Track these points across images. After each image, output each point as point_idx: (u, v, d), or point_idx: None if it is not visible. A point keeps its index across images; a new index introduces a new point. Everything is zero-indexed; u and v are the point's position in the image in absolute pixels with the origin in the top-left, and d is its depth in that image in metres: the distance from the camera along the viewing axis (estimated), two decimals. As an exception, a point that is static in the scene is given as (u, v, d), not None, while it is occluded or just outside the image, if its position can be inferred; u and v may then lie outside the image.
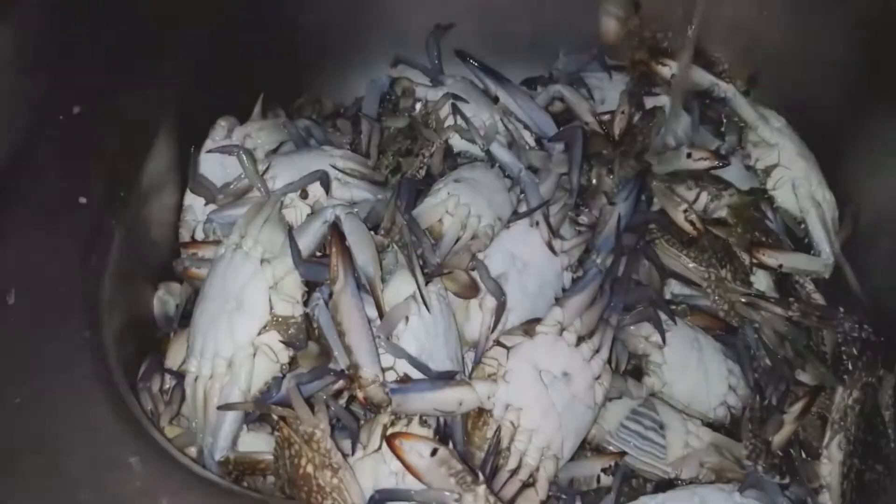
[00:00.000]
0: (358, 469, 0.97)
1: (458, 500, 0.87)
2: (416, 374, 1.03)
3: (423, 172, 1.34)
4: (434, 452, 0.91)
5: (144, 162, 1.17)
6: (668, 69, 1.47)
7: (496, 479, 0.96)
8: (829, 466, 1.08)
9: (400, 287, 1.08)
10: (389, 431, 0.96)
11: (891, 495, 1.07)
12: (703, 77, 1.47)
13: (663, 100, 1.49)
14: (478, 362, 1.07)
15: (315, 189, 1.22)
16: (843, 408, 1.11)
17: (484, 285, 1.11)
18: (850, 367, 1.18)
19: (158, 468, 0.86)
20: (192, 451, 1.03)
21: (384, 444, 0.96)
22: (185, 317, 1.18)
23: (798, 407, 1.11)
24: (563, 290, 1.20)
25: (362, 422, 1.05)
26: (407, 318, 1.05)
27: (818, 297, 1.31)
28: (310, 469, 0.94)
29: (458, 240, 1.17)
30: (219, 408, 1.00)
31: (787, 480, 1.05)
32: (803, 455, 1.12)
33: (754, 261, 1.27)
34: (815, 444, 1.13)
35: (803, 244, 1.35)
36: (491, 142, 1.34)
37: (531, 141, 1.40)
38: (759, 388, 1.16)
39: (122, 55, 1.26)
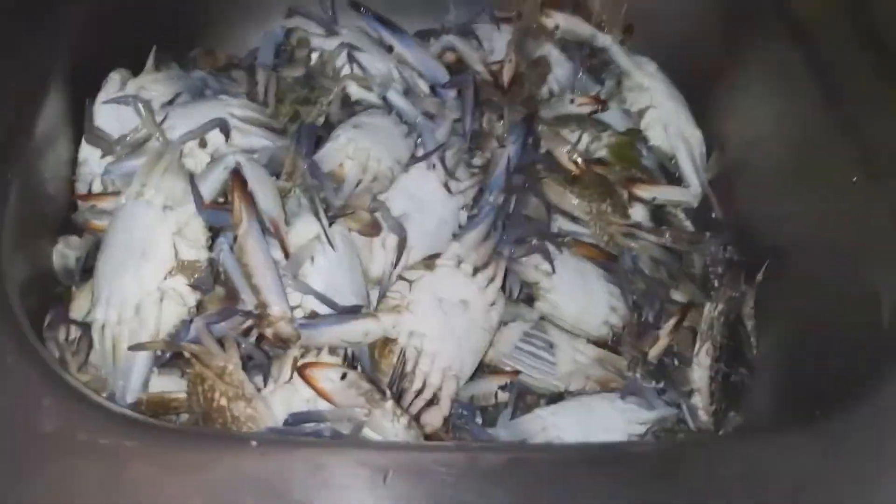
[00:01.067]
0: (271, 401, 1.01)
1: (368, 415, 0.93)
2: (323, 310, 1.07)
3: (321, 120, 1.36)
4: (344, 376, 0.96)
5: (36, 115, 1.14)
6: (551, 20, 1.56)
7: (403, 399, 1.03)
8: (699, 371, 1.20)
9: (304, 229, 1.12)
10: (300, 363, 1.01)
11: (754, 394, 1.21)
12: (583, 28, 1.57)
13: (548, 49, 1.57)
14: (382, 297, 1.13)
15: (214, 138, 1.23)
16: (709, 319, 1.23)
17: (386, 224, 1.17)
18: (716, 284, 1.31)
19: (74, 407, 0.86)
20: (104, 395, 1.04)
21: (295, 375, 1.01)
22: (86, 270, 1.18)
23: (671, 322, 1.23)
24: (460, 227, 1.27)
25: (273, 359, 1.09)
26: (312, 258, 1.09)
27: (688, 225, 1.43)
28: (223, 402, 0.97)
29: (359, 182, 1.21)
30: (130, 348, 1.01)
31: (662, 385, 1.17)
32: (676, 363, 1.24)
33: (631, 195, 1.38)
34: (687, 354, 1.25)
35: (675, 178, 1.47)
36: (387, 90, 1.38)
37: (426, 89, 1.44)
38: (638, 308, 1.27)
39: (10, 4, 1.23)
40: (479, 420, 1.13)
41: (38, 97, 1.16)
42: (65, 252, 1.20)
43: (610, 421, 1.12)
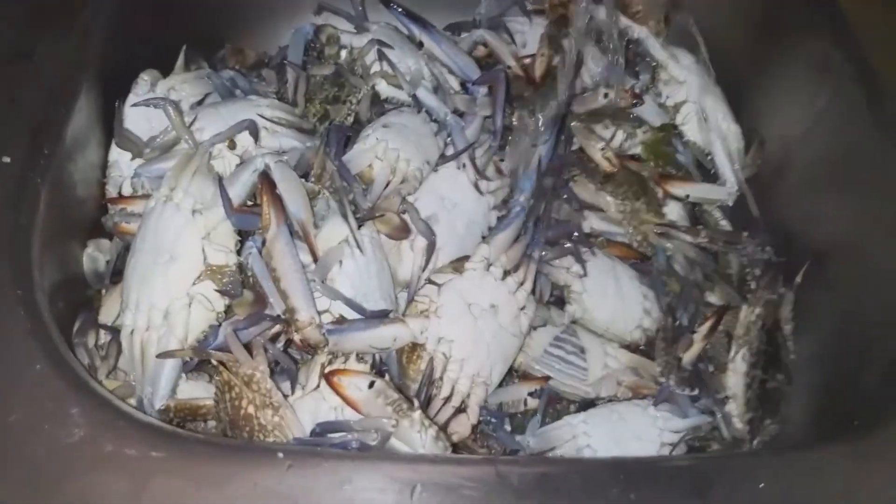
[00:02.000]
0: (298, 408, 1.01)
1: (396, 426, 0.92)
2: (351, 315, 1.06)
3: (350, 119, 1.36)
4: (371, 385, 0.96)
5: (67, 118, 1.15)
6: (585, 11, 1.51)
7: (430, 406, 1.02)
8: (735, 378, 1.17)
9: (332, 232, 1.11)
10: (327, 370, 1.01)
11: (791, 402, 1.17)
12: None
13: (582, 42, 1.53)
14: (410, 300, 1.12)
15: (243, 139, 1.22)
16: (746, 323, 1.19)
17: (414, 226, 1.15)
18: (753, 286, 1.27)
19: (101, 417, 0.86)
20: (132, 402, 1.04)
21: (322, 382, 1.01)
22: (116, 273, 1.19)
23: (706, 326, 1.19)
24: (490, 228, 1.25)
25: (300, 364, 1.09)
26: (341, 262, 1.08)
27: (725, 225, 1.39)
28: (251, 410, 0.98)
29: (388, 184, 1.19)
30: (158, 356, 1.01)
31: (696, 392, 1.14)
32: (711, 369, 1.21)
33: (665, 193, 1.34)
34: (722, 359, 1.22)
35: (711, 175, 1.43)
36: (417, 87, 1.36)
37: (456, 85, 1.42)
38: (672, 311, 1.24)
39: (38, 9, 1.23)
40: (507, 427, 1.12)
41: (67, 99, 1.17)
42: (95, 255, 1.21)
43: (642, 429, 1.09)
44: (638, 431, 1.09)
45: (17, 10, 1.22)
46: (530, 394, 1.14)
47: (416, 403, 0.95)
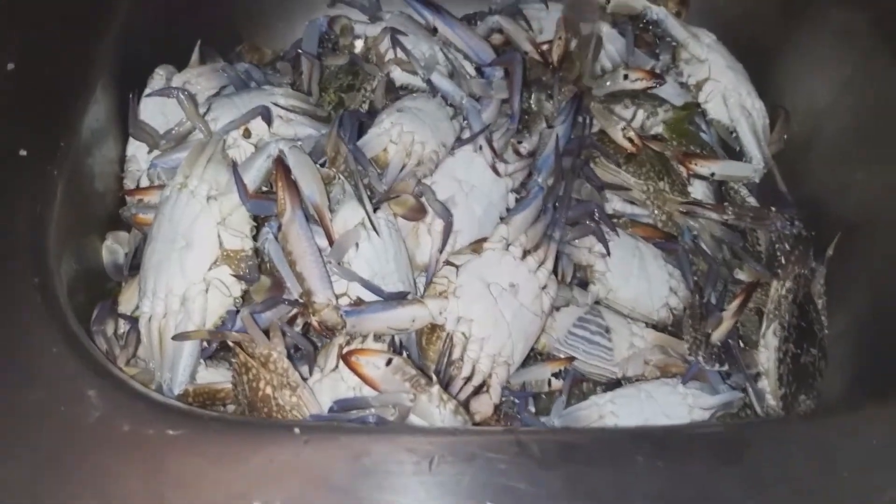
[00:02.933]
0: (317, 390, 1.00)
1: (414, 401, 0.90)
2: (369, 298, 1.05)
3: (365, 107, 1.35)
4: (389, 362, 0.94)
5: (83, 113, 1.15)
6: (602, -6, 1.50)
7: (451, 386, 0.99)
8: (766, 353, 1.13)
9: (348, 216, 1.10)
10: (345, 350, 0.99)
11: (825, 376, 1.13)
12: (636, 1, 1.50)
13: (599, 25, 1.51)
14: (429, 283, 1.10)
15: (258, 128, 1.22)
16: (776, 298, 1.15)
17: (431, 208, 1.13)
18: (783, 261, 1.23)
19: (118, 398, 0.86)
20: (151, 388, 1.04)
21: (341, 363, 0.99)
22: (135, 266, 1.18)
23: (736, 303, 1.16)
24: (509, 211, 1.23)
25: (319, 350, 1.07)
26: (357, 245, 1.07)
27: (752, 202, 1.35)
28: (269, 391, 0.96)
29: (403, 167, 1.18)
30: (174, 337, 1.00)
31: (726, 367, 1.10)
32: (742, 345, 1.17)
33: (689, 171, 1.31)
34: (753, 337, 1.19)
35: (736, 153, 1.40)
36: (431, 72, 1.35)
37: (472, 70, 1.40)
38: (699, 289, 1.20)
39: (53, 5, 1.24)
40: (531, 408, 1.09)
41: (84, 95, 1.17)
42: (113, 247, 1.21)
43: (671, 408, 1.06)
44: (667, 409, 1.06)
45: (33, 5, 1.23)
46: (555, 375, 1.11)
47: (434, 378, 0.93)
